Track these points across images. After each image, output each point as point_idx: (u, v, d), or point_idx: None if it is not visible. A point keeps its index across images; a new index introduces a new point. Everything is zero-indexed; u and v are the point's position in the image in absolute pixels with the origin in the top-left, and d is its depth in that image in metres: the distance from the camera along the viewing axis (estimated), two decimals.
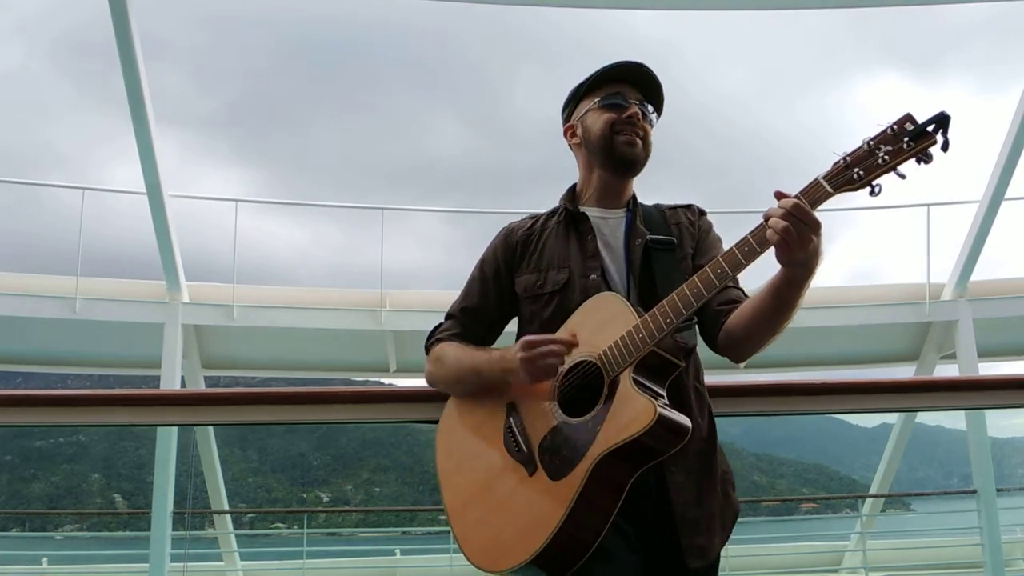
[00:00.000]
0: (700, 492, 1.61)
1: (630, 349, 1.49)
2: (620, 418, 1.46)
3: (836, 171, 1.35)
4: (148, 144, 7.13)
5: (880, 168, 1.31)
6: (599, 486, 1.46)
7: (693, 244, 1.73)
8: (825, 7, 7.62)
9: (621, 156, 1.71)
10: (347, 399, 2.14)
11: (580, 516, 1.46)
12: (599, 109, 1.73)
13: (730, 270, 1.44)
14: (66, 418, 2.23)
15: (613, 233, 1.72)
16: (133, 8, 6.36)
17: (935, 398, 2.32)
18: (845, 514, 13.03)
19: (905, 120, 1.30)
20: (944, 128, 1.28)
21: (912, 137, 1.28)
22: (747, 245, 1.43)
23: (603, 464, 1.46)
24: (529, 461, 1.55)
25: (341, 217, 42.56)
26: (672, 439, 1.47)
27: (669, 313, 1.48)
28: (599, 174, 1.76)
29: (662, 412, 1.44)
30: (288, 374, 10.66)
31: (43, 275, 8.88)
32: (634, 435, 1.43)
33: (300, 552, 8.66)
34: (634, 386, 1.48)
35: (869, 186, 1.33)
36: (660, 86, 1.76)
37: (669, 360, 1.52)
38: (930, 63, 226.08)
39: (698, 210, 1.80)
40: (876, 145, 1.31)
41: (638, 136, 1.72)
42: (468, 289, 1.80)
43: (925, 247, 8.90)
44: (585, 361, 1.55)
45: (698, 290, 1.46)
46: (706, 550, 1.59)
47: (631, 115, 1.71)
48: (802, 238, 1.37)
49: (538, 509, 1.50)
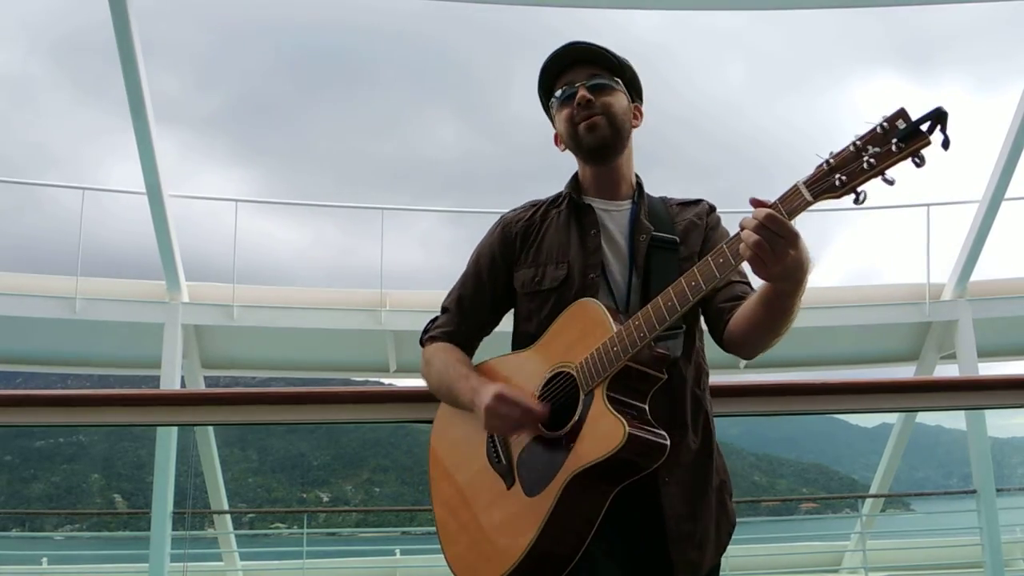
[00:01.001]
0: (693, 504, 1.55)
1: (604, 364, 1.43)
2: (592, 437, 1.41)
3: (818, 176, 1.22)
4: (148, 144, 7.13)
5: (864, 174, 1.17)
6: (575, 502, 1.42)
7: (699, 242, 1.64)
8: (822, 7, 7.61)
9: (588, 145, 1.64)
10: (347, 399, 2.15)
11: (555, 532, 1.42)
12: (558, 109, 1.67)
13: (704, 283, 1.36)
14: (66, 418, 2.23)
15: (617, 226, 1.65)
16: (133, 8, 6.36)
17: (935, 398, 2.32)
18: (845, 514, 13.03)
19: (897, 116, 1.16)
20: (942, 125, 1.13)
21: (902, 137, 1.14)
22: (722, 256, 1.34)
23: (576, 482, 1.41)
24: (508, 474, 1.52)
25: (341, 217, 42.58)
26: (648, 456, 1.41)
27: (643, 327, 1.41)
28: (587, 169, 1.70)
29: (633, 433, 1.37)
30: (288, 374, 10.67)
31: (43, 275, 8.88)
32: (604, 456, 1.38)
33: (300, 552, 8.65)
34: (607, 404, 1.42)
35: (853, 192, 1.19)
36: (602, 51, 1.65)
37: (647, 374, 1.45)
38: (925, 62, 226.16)
39: (708, 206, 1.72)
40: (863, 146, 1.18)
41: (596, 114, 1.62)
42: (463, 282, 1.75)
43: (925, 247, 8.92)
44: (564, 372, 1.51)
45: (672, 303, 1.39)
46: (697, 566, 1.54)
47: (579, 99, 1.62)
48: (777, 252, 1.26)
49: (514, 524, 1.48)
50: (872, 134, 1.18)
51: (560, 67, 1.67)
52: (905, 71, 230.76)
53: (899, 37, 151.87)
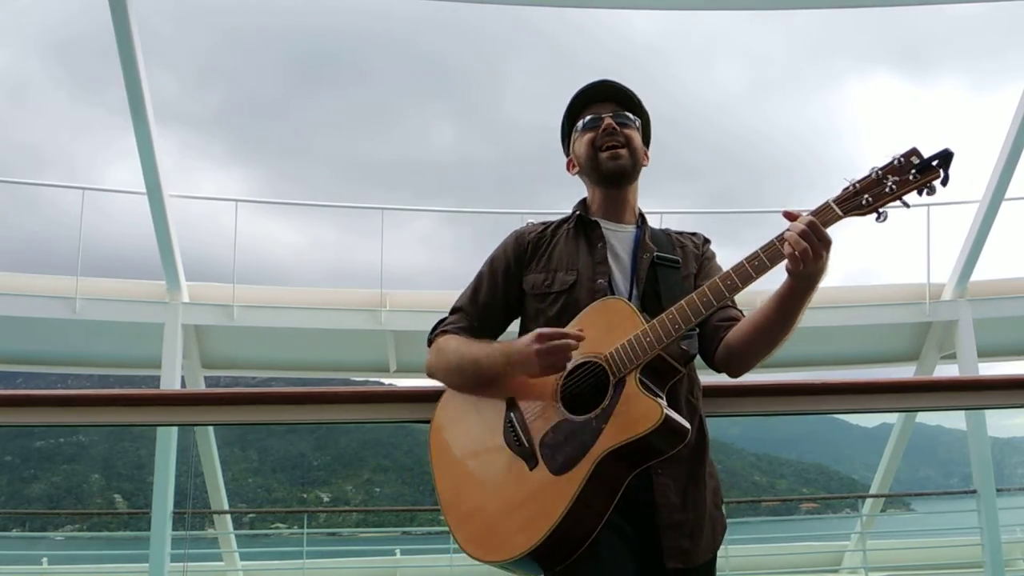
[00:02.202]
0: (685, 497, 1.63)
1: (638, 352, 1.55)
2: (626, 417, 1.52)
3: (846, 196, 1.47)
4: (148, 144, 7.13)
5: (888, 196, 1.44)
6: (599, 483, 1.51)
7: (696, 267, 1.80)
8: (818, 7, 7.62)
9: (607, 171, 1.79)
10: (347, 399, 2.14)
11: (579, 512, 1.50)
12: (581, 134, 1.82)
13: (740, 282, 1.53)
14: (66, 418, 2.23)
15: (622, 245, 1.78)
16: (133, 9, 6.36)
17: (935, 398, 2.32)
18: (845, 514, 13.05)
19: (911, 153, 1.43)
20: (947, 164, 1.41)
21: (919, 170, 1.41)
22: (757, 259, 1.52)
23: (606, 461, 1.50)
24: (530, 456, 1.58)
25: (341, 217, 42.59)
26: (673, 440, 1.53)
27: (678, 319, 1.55)
28: (599, 192, 1.83)
29: (668, 413, 1.50)
30: (288, 374, 10.66)
31: (43, 275, 8.88)
32: (641, 434, 1.49)
33: (300, 552, 8.66)
34: (640, 387, 1.53)
35: (876, 212, 1.46)
36: (629, 92, 1.84)
37: (673, 365, 1.58)
38: (920, 62, 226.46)
39: (703, 238, 1.88)
40: (884, 175, 1.44)
41: (619, 144, 1.78)
42: (476, 284, 1.83)
43: (925, 247, 8.92)
44: (589, 362, 1.60)
45: (707, 299, 1.54)
46: (689, 554, 1.60)
47: (606, 127, 1.78)
48: (815, 253, 1.46)
49: (538, 503, 1.54)
50: (891, 166, 1.45)
51: (587, 100, 1.84)
52: (901, 71, 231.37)
53: (893, 37, 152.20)
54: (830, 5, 7.57)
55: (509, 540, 1.56)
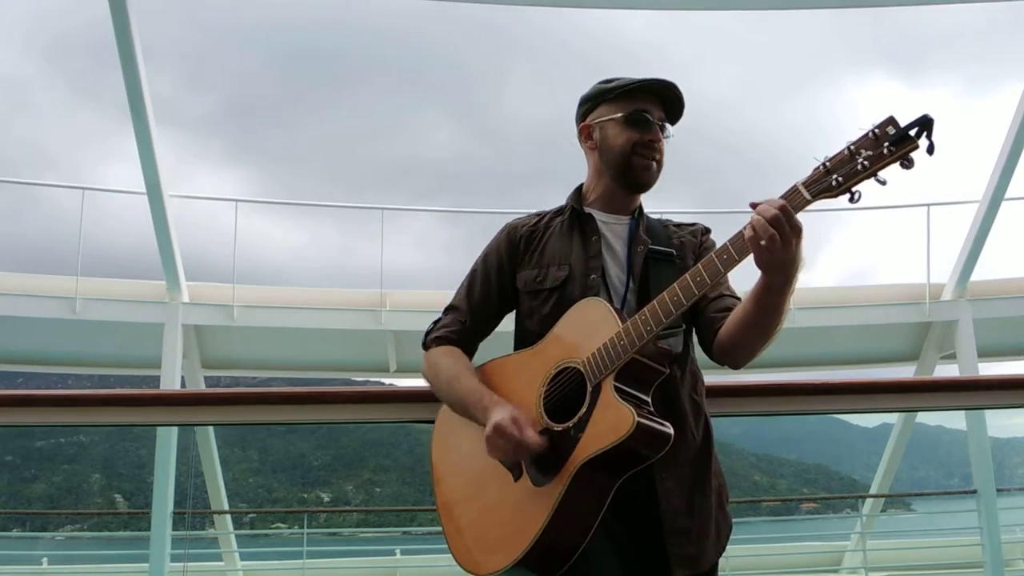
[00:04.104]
0: (691, 501, 1.59)
1: (611, 356, 1.49)
2: (600, 426, 1.46)
3: (816, 177, 1.33)
4: (148, 144, 7.13)
5: (859, 175, 1.28)
6: (581, 492, 1.47)
7: (694, 259, 1.70)
8: (816, 7, 7.61)
9: (636, 179, 1.70)
10: (347, 399, 2.15)
11: (562, 521, 1.47)
12: (622, 123, 1.69)
13: (708, 277, 1.43)
14: (66, 418, 2.23)
15: (617, 237, 1.72)
16: (133, 10, 6.36)
17: (935, 398, 2.32)
18: (845, 514, 13.03)
19: (887, 123, 1.27)
20: (928, 131, 1.24)
21: (893, 142, 1.26)
22: (726, 252, 1.42)
23: (584, 471, 1.46)
24: (515, 466, 1.56)
25: (340, 217, 42.59)
26: (655, 445, 1.47)
27: (650, 320, 1.47)
28: (608, 183, 1.74)
29: (641, 421, 1.43)
30: (288, 374, 10.66)
31: (43, 275, 8.88)
32: (613, 443, 1.43)
33: (300, 552, 8.64)
34: (615, 394, 1.47)
35: (848, 192, 1.30)
36: (684, 107, 1.72)
37: (652, 367, 1.51)
38: (915, 64, 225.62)
39: (702, 228, 1.79)
40: (857, 150, 1.28)
41: (657, 159, 1.70)
42: (470, 281, 1.79)
43: (925, 247, 8.92)
44: (570, 368, 1.56)
45: (678, 298, 1.46)
46: (696, 560, 1.57)
47: (653, 140, 1.68)
48: (784, 240, 1.35)
49: (521, 514, 1.51)
50: (864, 139, 1.29)
51: (643, 90, 1.69)
52: (895, 73, 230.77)
53: (888, 39, 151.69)
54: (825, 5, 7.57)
55: (494, 553, 1.54)
